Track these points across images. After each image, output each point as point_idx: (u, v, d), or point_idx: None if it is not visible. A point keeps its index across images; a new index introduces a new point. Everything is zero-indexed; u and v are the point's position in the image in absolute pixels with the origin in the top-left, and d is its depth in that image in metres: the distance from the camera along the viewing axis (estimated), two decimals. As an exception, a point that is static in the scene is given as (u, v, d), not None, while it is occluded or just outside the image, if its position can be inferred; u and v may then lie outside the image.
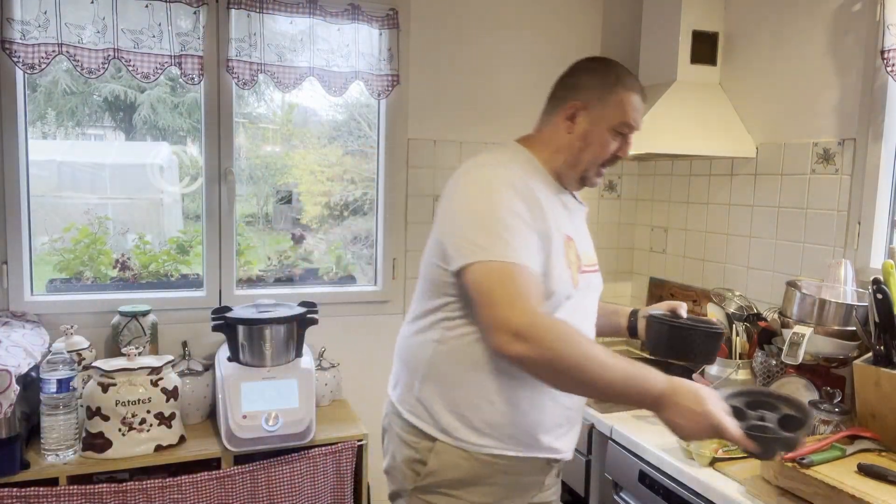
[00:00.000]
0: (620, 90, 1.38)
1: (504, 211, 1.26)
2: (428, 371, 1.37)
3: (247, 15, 2.17)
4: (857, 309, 1.67)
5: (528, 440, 1.36)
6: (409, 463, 1.39)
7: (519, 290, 1.20)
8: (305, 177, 2.58)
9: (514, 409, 1.34)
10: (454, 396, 1.35)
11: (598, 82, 1.40)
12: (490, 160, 1.40)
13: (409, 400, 1.41)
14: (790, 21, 2.08)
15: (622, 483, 1.83)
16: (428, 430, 1.37)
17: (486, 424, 1.34)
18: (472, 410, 1.34)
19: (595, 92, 1.39)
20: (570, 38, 2.66)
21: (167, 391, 1.90)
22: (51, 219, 2.26)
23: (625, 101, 1.38)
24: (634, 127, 1.40)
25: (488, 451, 1.34)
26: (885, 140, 1.82)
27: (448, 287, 1.34)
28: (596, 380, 1.18)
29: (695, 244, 2.50)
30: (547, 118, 1.47)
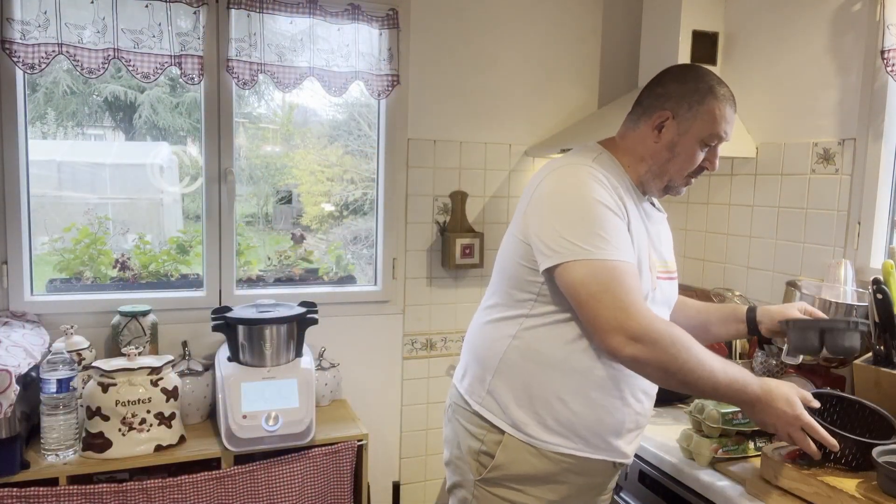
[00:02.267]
0: (711, 101, 1.36)
1: (599, 208, 1.28)
2: (501, 366, 1.39)
3: (247, 15, 2.17)
4: (857, 309, 1.67)
5: (598, 441, 1.38)
6: (475, 454, 1.41)
7: (627, 290, 1.24)
8: (305, 177, 2.58)
9: (586, 409, 1.35)
10: (527, 393, 1.36)
11: (689, 92, 1.37)
12: (577, 160, 1.39)
13: (479, 392, 1.42)
14: (790, 21, 2.08)
15: (622, 483, 1.83)
16: (497, 423, 1.38)
17: (556, 423, 1.35)
18: (544, 408, 1.36)
19: (685, 102, 1.37)
20: (570, 38, 2.66)
21: (167, 391, 1.90)
22: (51, 219, 2.26)
23: (716, 112, 1.36)
24: (724, 139, 1.39)
25: (557, 449, 1.36)
26: (885, 140, 1.82)
27: (531, 285, 1.36)
28: (703, 383, 1.24)
29: (695, 244, 2.50)
30: (632, 125, 1.45)
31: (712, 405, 1.59)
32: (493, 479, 1.39)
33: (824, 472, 1.35)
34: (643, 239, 1.38)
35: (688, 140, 1.37)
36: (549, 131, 2.66)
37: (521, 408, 1.37)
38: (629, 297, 1.22)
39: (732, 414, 1.57)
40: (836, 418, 1.49)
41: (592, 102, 2.72)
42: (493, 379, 1.40)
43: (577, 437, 1.36)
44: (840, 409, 1.50)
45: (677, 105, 1.37)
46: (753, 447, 1.59)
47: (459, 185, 2.55)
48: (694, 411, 1.62)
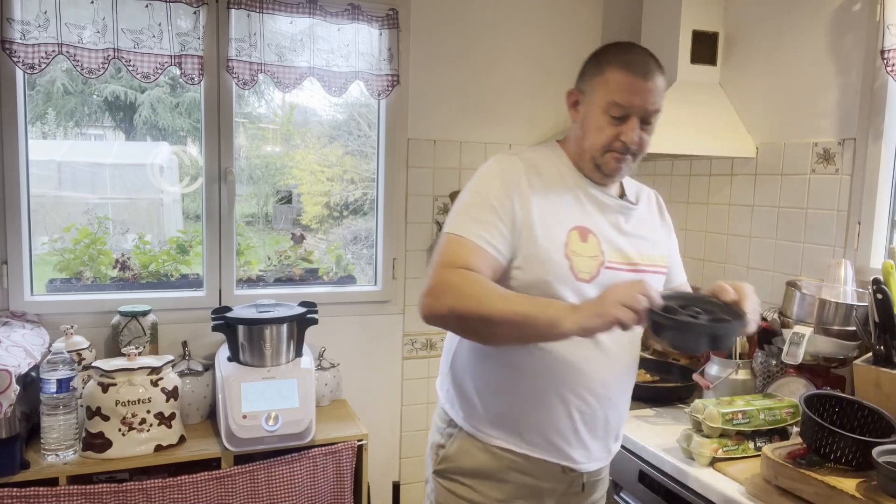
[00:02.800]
0: (607, 68, 1.32)
1: (477, 195, 1.31)
2: (454, 359, 1.43)
3: (247, 15, 2.17)
4: (857, 309, 1.67)
5: (537, 439, 1.36)
6: (434, 447, 1.45)
7: (450, 256, 1.25)
8: (305, 177, 2.58)
9: (521, 403, 1.34)
10: (472, 385, 1.39)
11: (591, 64, 1.37)
12: (511, 152, 1.42)
13: (445, 386, 1.47)
14: (790, 21, 2.08)
15: (622, 483, 1.83)
16: (453, 416, 1.42)
17: (496, 416, 1.36)
18: (485, 400, 1.37)
19: (587, 75, 1.37)
20: (570, 38, 2.66)
21: (167, 391, 1.90)
22: (51, 219, 2.26)
23: (610, 78, 1.30)
24: (624, 105, 1.29)
25: (497, 443, 1.36)
26: (885, 140, 1.82)
27: None
28: (499, 314, 1.16)
29: (695, 244, 2.50)
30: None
31: (712, 405, 1.59)
32: (443, 472, 1.41)
33: (824, 472, 1.35)
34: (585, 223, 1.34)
35: (592, 112, 1.33)
36: (549, 131, 2.66)
37: (468, 401, 1.39)
38: (441, 260, 1.24)
39: (732, 414, 1.57)
40: (836, 418, 1.49)
41: (592, 102, 2.72)
42: (449, 372, 1.44)
43: (514, 432, 1.35)
44: (840, 409, 1.50)
45: (582, 80, 1.38)
46: (753, 447, 1.59)
47: (459, 185, 2.55)
48: (694, 411, 1.62)
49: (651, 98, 1.30)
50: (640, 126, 1.32)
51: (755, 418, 1.58)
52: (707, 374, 1.97)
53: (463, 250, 1.25)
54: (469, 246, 1.26)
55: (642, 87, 1.30)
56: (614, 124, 1.32)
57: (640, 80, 1.30)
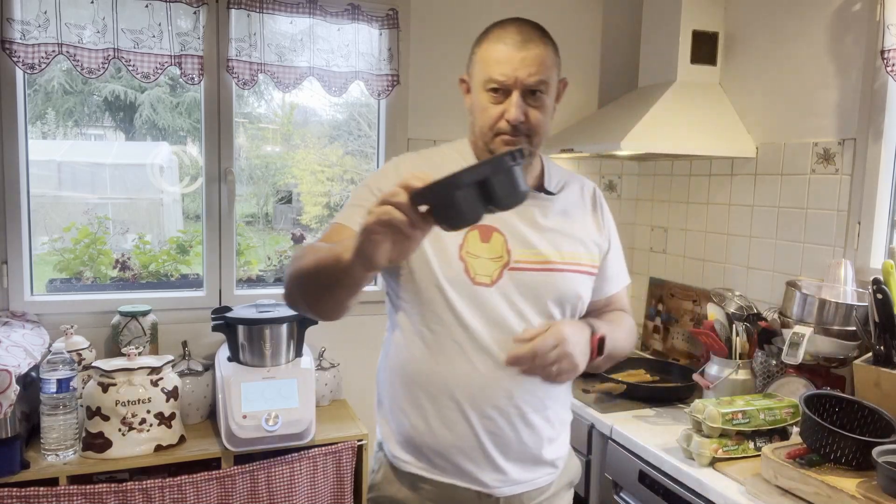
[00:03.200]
0: (482, 44, 1.26)
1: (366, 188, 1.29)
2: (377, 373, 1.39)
3: (247, 15, 2.17)
4: (857, 309, 1.67)
5: (445, 464, 1.25)
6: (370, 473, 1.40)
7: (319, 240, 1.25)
8: (305, 177, 2.58)
9: (424, 423, 1.24)
10: (386, 402, 1.33)
11: (473, 45, 1.30)
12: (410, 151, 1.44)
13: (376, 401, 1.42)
14: (790, 21, 2.08)
15: (622, 483, 1.83)
16: (379, 437, 1.37)
17: (404, 439, 1.27)
18: (395, 419, 1.29)
19: (469, 56, 1.30)
20: (570, 38, 2.66)
21: (167, 391, 1.90)
22: (51, 219, 2.26)
23: (483, 56, 1.24)
24: (498, 80, 1.20)
25: (408, 468, 1.27)
26: (885, 140, 1.82)
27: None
28: (304, 267, 1.08)
29: (695, 244, 2.50)
30: None
31: (712, 405, 1.59)
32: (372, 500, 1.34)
33: (824, 471, 1.35)
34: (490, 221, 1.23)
35: (475, 93, 1.26)
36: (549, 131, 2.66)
37: (384, 421, 1.32)
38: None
39: (732, 414, 1.57)
40: (836, 418, 1.49)
41: (592, 102, 2.72)
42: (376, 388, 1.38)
43: (424, 456, 1.25)
44: (840, 409, 1.50)
45: (468, 64, 1.30)
46: (753, 447, 1.59)
47: (459, 185, 2.55)
48: (694, 411, 1.62)
49: (528, 68, 1.19)
50: (527, 102, 1.21)
51: (755, 418, 1.58)
52: (707, 374, 1.97)
53: (332, 233, 1.22)
54: (340, 230, 1.21)
55: (515, 57, 1.20)
56: (496, 102, 1.22)
57: (513, 51, 1.21)
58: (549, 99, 1.25)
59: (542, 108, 1.24)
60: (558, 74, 1.28)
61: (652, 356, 2.61)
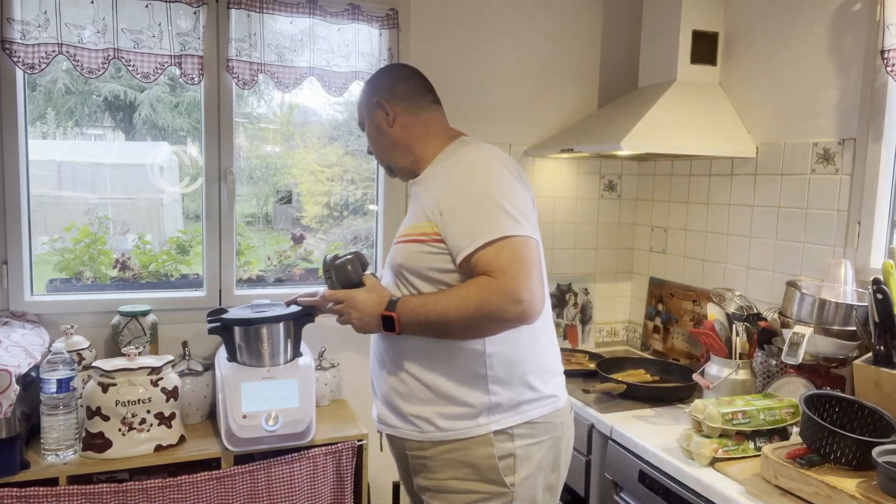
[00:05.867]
0: None
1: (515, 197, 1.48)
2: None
3: (247, 15, 2.17)
4: (857, 309, 1.67)
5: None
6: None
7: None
8: (305, 177, 2.58)
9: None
10: None
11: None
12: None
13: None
14: (790, 21, 2.08)
15: (622, 483, 1.83)
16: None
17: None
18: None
19: None
20: (570, 39, 2.66)
21: (167, 391, 1.90)
22: (51, 219, 2.26)
23: None
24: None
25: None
26: (885, 140, 1.82)
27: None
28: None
29: (695, 244, 2.50)
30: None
31: (712, 405, 1.59)
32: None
33: (824, 471, 1.35)
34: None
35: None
36: (549, 131, 2.66)
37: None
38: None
39: (732, 414, 1.57)
40: (836, 418, 1.49)
41: (592, 102, 2.72)
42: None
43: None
44: (840, 409, 1.50)
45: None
46: (753, 447, 1.59)
47: (459, 185, 2.55)
48: (694, 411, 1.62)
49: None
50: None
51: (755, 418, 1.59)
52: (707, 374, 1.97)
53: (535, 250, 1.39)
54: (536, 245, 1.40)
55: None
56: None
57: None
58: (370, 129, 1.61)
59: (370, 137, 1.63)
60: (370, 105, 1.58)
61: (652, 356, 2.61)
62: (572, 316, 2.74)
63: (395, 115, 1.55)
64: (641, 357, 2.54)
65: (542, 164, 2.66)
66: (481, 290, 1.30)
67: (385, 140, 1.58)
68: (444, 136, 1.58)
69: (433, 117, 1.60)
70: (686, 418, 1.72)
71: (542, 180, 2.68)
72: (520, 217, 1.35)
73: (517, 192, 1.40)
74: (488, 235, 1.32)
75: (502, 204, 1.34)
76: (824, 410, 1.50)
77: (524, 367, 1.44)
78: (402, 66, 1.70)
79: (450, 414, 1.43)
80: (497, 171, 1.40)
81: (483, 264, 1.32)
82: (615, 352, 2.71)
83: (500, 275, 1.29)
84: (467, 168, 1.42)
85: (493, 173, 1.40)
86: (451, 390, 1.43)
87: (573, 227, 2.75)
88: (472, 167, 1.42)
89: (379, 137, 1.59)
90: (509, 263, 1.29)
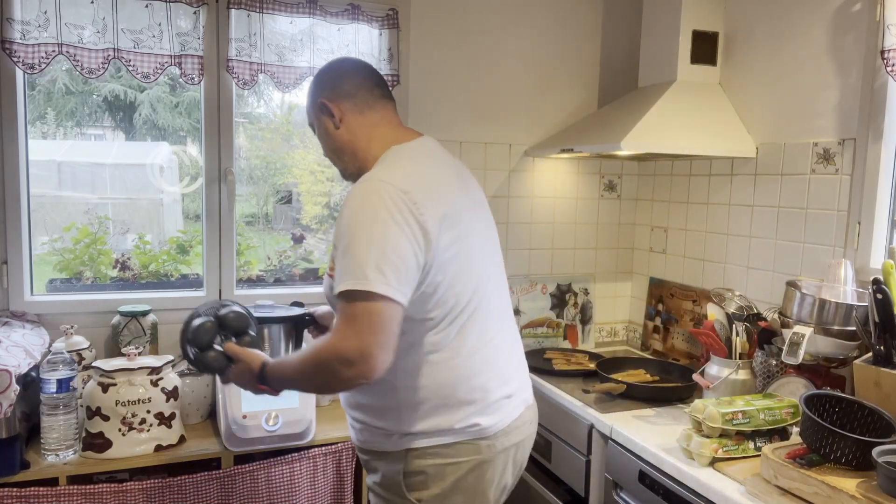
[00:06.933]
0: None
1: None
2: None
3: (247, 15, 2.17)
4: (857, 309, 1.67)
5: None
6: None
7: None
8: (305, 177, 2.58)
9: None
10: None
11: None
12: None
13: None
14: (790, 21, 2.08)
15: (622, 483, 1.83)
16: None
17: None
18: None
19: None
20: (570, 39, 2.66)
21: (167, 391, 1.90)
22: (51, 219, 2.26)
23: None
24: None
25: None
26: (885, 140, 1.82)
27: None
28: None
29: (695, 244, 2.51)
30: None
31: (712, 405, 1.59)
32: None
33: (824, 471, 1.35)
34: None
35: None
36: (549, 131, 2.66)
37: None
38: None
39: (732, 414, 1.57)
40: (836, 418, 1.49)
41: (592, 102, 2.72)
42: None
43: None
44: (840, 409, 1.50)
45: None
46: (753, 447, 1.59)
47: (459, 185, 2.55)
48: (694, 411, 1.62)
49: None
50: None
51: (755, 418, 1.58)
52: (707, 374, 1.97)
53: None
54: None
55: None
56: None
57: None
58: (319, 131, 1.53)
59: (320, 140, 1.56)
60: (316, 107, 1.50)
61: (652, 356, 2.61)
62: (572, 316, 2.74)
63: (342, 114, 1.46)
64: (641, 357, 2.54)
65: (542, 164, 2.66)
66: (319, 350, 1.27)
67: (331, 143, 1.50)
68: (387, 140, 1.45)
69: (379, 116, 1.48)
70: (686, 418, 1.72)
71: (542, 180, 2.68)
72: (375, 269, 1.21)
73: (388, 240, 1.23)
74: (340, 285, 1.24)
75: (361, 252, 1.23)
76: (824, 410, 1.50)
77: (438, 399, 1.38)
78: (346, 59, 1.57)
79: (372, 427, 1.44)
80: (370, 213, 1.26)
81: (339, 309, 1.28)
82: (615, 352, 2.71)
83: (334, 333, 1.25)
84: (349, 203, 1.30)
85: (366, 215, 1.26)
86: (370, 413, 1.44)
87: (573, 227, 2.75)
88: (352, 203, 1.29)
89: (325, 140, 1.51)
90: (345, 322, 1.23)
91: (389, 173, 1.33)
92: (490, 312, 1.45)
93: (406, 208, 1.26)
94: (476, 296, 1.40)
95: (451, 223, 1.34)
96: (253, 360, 1.45)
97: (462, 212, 1.40)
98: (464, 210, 1.41)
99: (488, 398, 1.41)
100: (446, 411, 1.37)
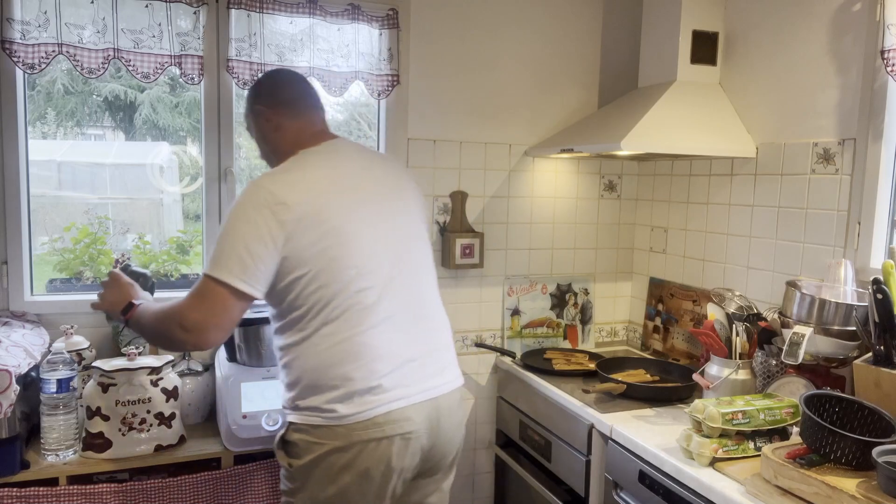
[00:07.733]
0: None
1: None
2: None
3: (247, 15, 2.17)
4: (857, 309, 1.67)
5: None
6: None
7: None
8: (305, 177, 2.57)
9: None
10: None
11: None
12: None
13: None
14: (790, 21, 2.08)
15: (622, 483, 1.83)
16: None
17: None
18: None
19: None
20: (570, 38, 2.66)
21: (167, 391, 1.90)
22: (51, 219, 2.26)
23: None
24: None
25: None
26: (885, 140, 1.82)
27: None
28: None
29: (695, 244, 2.51)
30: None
31: (712, 405, 1.59)
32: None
33: (824, 471, 1.35)
34: None
35: None
36: (549, 131, 2.66)
37: None
38: None
39: (732, 414, 1.57)
40: (836, 418, 1.49)
41: (592, 102, 2.72)
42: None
43: None
44: (840, 409, 1.50)
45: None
46: (753, 447, 1.59)
47: (459, 185, 2.55)
48: (694, 411, 1.62)
49: None
50: None
51: (755, 418, 1.59)
52: (707, 374, 1.97)
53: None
54: None
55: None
56: None
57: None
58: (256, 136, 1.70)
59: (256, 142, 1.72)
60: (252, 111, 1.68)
61: (652, 356, 2.61)
62: (572, 316, 2.74)
63: (276, 120, 1.64)
64: (641, 357, 2.54)
65: (542, 164, 2.66)
66: (171, 309, 1.49)
67: (264, 147, 1.70)
68: (300, 144, 1.61)
69: (304, 123, 1.65)
70: (686, 418, 1.72)
71: (542, 180, 2.68)
72: (229, 261, 1.43)
73: (245, 237, 1.43)
74: (205, 266, 1.49)
75: (222, 242, 1.46)
76: (824, 410, 1.50)
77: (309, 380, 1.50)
78: (282, 70, 1.79)
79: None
80: (240, 211, 1.46)
81: None
82: (615, 352, 2.71)
83: (186, 299, 1.47)
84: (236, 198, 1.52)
85: (236, 212, 1.47)
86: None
87: (573, 227, 2.75)
88: (236, 199, 1.51)
89: (260, 144, 1.71)
90: (193, 295, 1.47)
91: (271, 176, 1.53)
92: (374, 307, 1.51)
93: (268, 209, 1.44)
94: (351, 288, 1.49)
95: (317, 221, 1.47)
96: (131, 294, 1.65)
97: (346, 209, 1.52)
98: (355, 206, 1.53)
99: (351, 387, 1.48)
100: (315, 392, 1.49)
